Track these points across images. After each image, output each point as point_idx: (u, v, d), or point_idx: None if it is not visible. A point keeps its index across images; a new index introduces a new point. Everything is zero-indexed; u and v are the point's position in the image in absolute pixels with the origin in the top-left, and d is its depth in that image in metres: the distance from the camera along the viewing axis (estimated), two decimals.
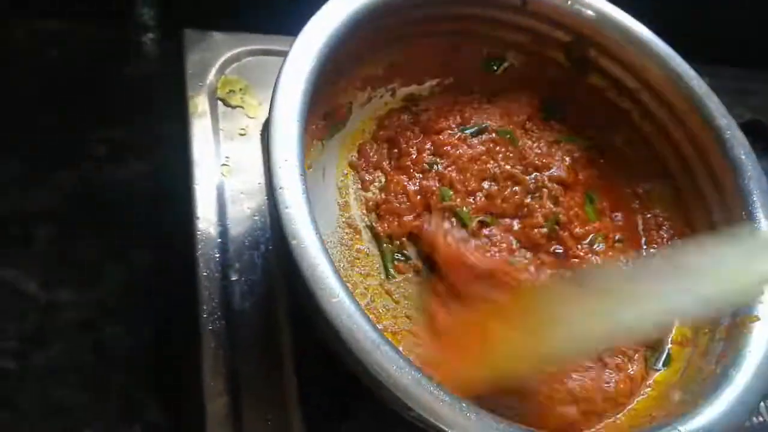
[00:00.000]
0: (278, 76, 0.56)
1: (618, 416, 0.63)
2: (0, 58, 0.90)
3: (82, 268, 0.83)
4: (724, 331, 0.63)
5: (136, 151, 0.92)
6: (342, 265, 0.65)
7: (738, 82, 1.05)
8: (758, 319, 0.60)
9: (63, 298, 0.81)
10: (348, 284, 0.52)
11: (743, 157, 0.69)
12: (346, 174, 0.71)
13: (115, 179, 0.90)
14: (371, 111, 0.75)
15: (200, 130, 0.74)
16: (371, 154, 0.72)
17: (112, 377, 0.79)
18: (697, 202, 0.74)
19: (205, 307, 0.63)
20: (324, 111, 0.66)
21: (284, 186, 0.50)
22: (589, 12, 0.74)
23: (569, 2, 0.74)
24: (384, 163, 0.72)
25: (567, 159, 0.76)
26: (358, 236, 0.68)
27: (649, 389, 0.66)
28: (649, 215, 0.78)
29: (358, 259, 0.66)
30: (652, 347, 0.68)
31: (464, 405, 0.46)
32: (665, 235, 0.76)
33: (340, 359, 0.49)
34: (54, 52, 0.93)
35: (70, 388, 0.77)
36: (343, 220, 0.68)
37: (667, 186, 0.77)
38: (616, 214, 0.77)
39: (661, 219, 0.77)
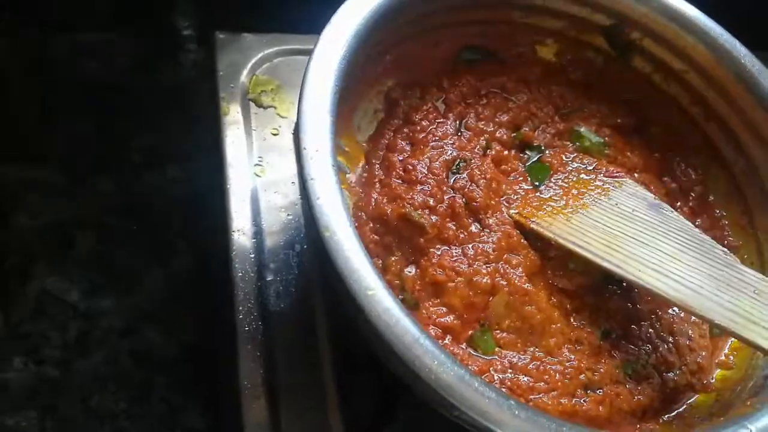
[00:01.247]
0: (306, 68, 0.55)
1: (675, 413, 0.59)
2: (41, 69, 0.91)
3: (122, 275, 0.84)
4: None
5: (172, 157, 0.92)
6: None
7: None
8: None
9: (104, 306, 0.81)
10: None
11: None
12: None
13: (153, 186, 0.91)
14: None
15: (233, 131, 0.74)
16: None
17: (153, 383, 0.79)
18: (754, 188, 0.70)
19: (240, 308, 0.62)
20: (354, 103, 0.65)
21: (315, 177, 0.48)
22: None
23: None
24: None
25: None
26: None
27: (711, 389, 0.62)
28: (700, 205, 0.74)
29: None
30: None
31: (512, 402, 0.44)
32: (721, 225, 0.72)
33: (378, 357, 0.46)
34: (93, 62, 0.95)
35: (111, 394, 0.77)
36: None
37: (722, 174, 0.73)
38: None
39: (716, 210, 0.73)
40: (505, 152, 0.69)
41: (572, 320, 0.62)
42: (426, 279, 0.59)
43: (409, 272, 0.59)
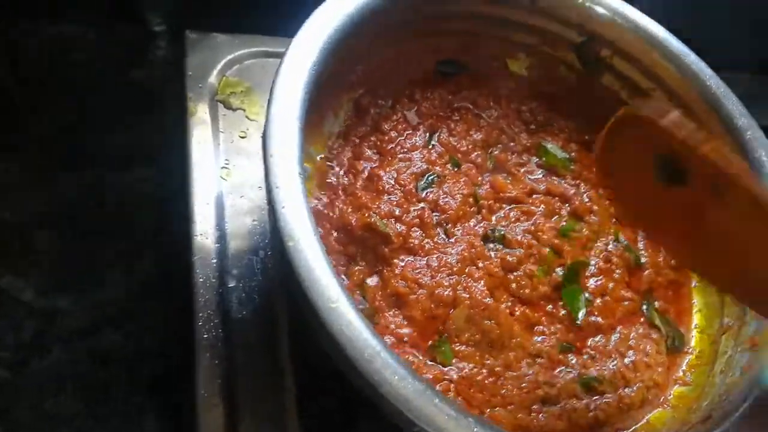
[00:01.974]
0: (277, 72, 0.54)
1: (632, 429, 0.60)
2: (3, 62, 0.89)
3: (83, 275, 0.82)
4: (748, 341, 0.60)
5: (140, 156, 0.90)
6: None
7: (751, 87, 1.03)
8: None
9: (62, 306, 0.79)
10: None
11: (765, 158, 0.66)
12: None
13: (119, 185, 0.88)
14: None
15: (199, 132, 0.72)
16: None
17: (111, 386, 0.77)
18: None
19: (200, 315, 0.61)
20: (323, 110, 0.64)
21: (280, 185, 0.47)
22: (602, 10, 0.72)
23: (580, 0, 0.72)
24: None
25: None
26: None
27: (667, 405, 0.63)
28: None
29: None
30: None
31: (471, 420, 0.43)
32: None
33: (339, 368, 0.46)
34: (60, 56, 0.93)
35: (68, 397, 0.75)
36: None
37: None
38: None
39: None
40: (479, 177, 0.70)
41: (533, 334, 0.63)
42: (387, 290, 0.59)
43: (371, 282, 0.59)
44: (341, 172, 0.65)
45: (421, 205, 0.64)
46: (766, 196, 0.48)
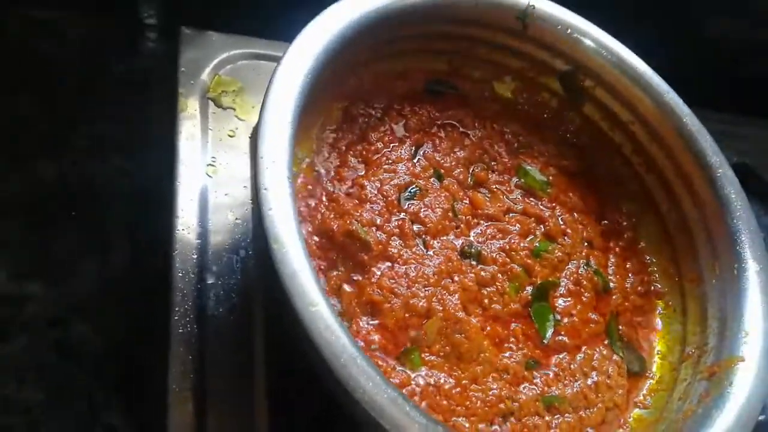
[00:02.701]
0: (272, 76, 0.55)
1: None
2: None
3: (54, 263, 0.81)
4: (707, 370, 0.62)
5: (120, 147, 0.89)
6: None
7: (724, 125, 1.06)
8: (743, 359, 0.59)
9: (31, 292, 0.78)
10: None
11: (733, 196, 0.69)
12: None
13: (96, 174, 0.87)
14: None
15: (188, 128, 0.73)
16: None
17: (75, 378, 0.75)
18: (683, 239, 0.74)
19: (177, 309, 0.61)
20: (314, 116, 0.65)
21: (269, 187, 0.48)
22: (590, 42, 0.74)
23: (569, 30, 0.74)
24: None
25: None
26: None
27: (626, 427, 0.65)
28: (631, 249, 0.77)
29: None
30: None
31: (440, 428, 0.44)
32: (649, 271, 0.76)
33: (314, 373, 0.47)
34: (46, 42, 0.92)
35: (28, 385, 0.73)
36: None
37: (655, 222, 0.77)
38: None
39: (646, 256, 0.77)
40: (460, 192, 0.71)
41: (501, 350, 0.64)
42: (363, 297, 0.60)
43: (347, 288, 0.60)
44: (326, 178, 0.65)
45: (402, 215, 0.65)
46: None
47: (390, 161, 0.69)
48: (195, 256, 0.65)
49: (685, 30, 1.13)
